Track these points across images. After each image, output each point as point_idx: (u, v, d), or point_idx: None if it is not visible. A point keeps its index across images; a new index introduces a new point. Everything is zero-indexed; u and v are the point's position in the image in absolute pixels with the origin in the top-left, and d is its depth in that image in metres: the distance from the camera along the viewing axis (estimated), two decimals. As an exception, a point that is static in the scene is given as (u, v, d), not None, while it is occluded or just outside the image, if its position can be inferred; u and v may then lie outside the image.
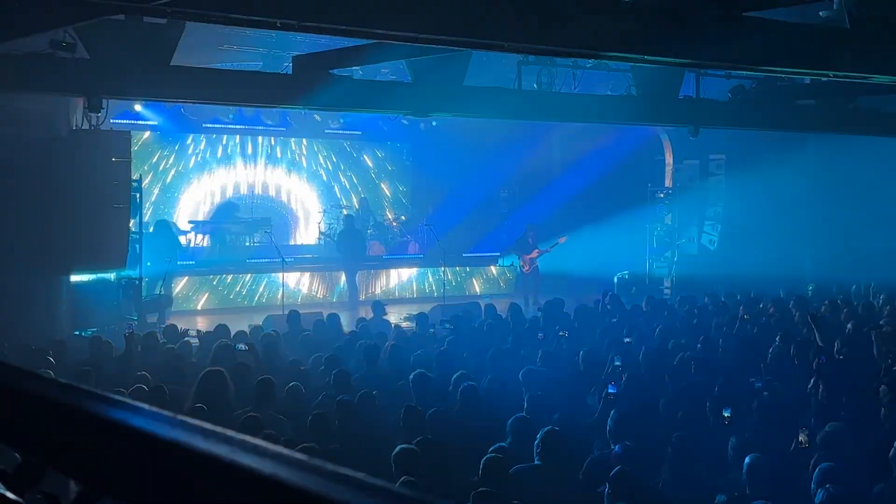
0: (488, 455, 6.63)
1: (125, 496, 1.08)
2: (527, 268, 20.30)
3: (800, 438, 7.42)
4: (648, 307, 15.07)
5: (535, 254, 20.17)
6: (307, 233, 21.99)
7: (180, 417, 1.10)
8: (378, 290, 20.25)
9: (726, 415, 7.76)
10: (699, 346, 11.43)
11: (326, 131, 21.51)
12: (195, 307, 18.11)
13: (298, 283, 19.39)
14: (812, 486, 6.34)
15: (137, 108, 17.45)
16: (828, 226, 19.33)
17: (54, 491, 1.59)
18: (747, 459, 6.66)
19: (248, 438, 0.99)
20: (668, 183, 20.96)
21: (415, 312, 14.82)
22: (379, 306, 14.98)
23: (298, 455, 0.93)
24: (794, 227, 19.61)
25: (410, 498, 0.87)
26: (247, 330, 12.51)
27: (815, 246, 19.54)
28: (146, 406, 1.16)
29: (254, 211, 20.87)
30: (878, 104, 15.82)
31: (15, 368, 1.42)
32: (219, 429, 1.02)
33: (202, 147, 20.81)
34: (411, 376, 9.03)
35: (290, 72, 12.67)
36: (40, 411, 1.27)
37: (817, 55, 9.06)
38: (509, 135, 20.85)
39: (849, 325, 13.10)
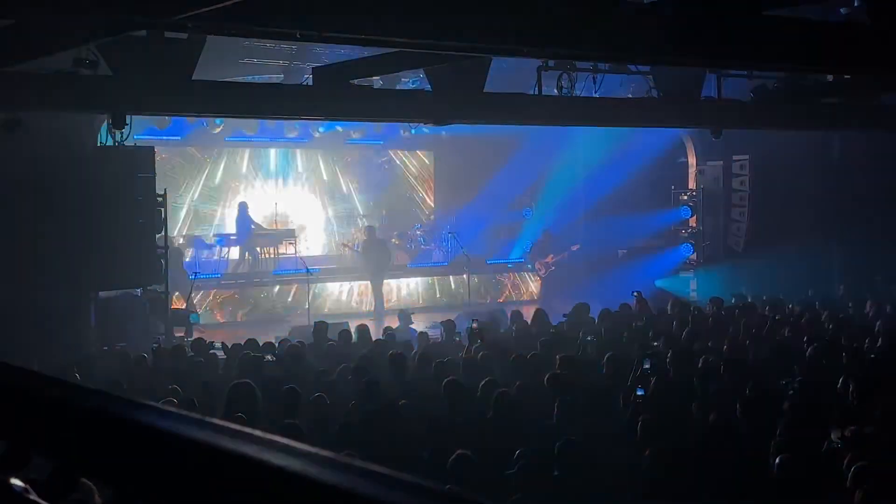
0: (520, 462, 6.61)
1: (157, 499, 1.09)
2: (543, 271, 20.29)
3: (832, 438, 7.35)
4: (675, 310, 15.00)
5: (550, 258, 20.16)
6: (332, 243, 22.04)
7: (209, 419, 1.10)
8: (403, 299, 20.27)
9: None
10: (725, 348, 11.36)
11: (348, 141, 21.56)
12: (222, 320, 18.19)
13: (324, 294, 19.44)
14: (847, 485, 6.27)
15: (162, 124, 17.55)
16: (855, 224, 19.15)
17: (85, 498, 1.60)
18: (777, 459, 6.61)
19: (276, 438, 0.99)
20: (691, 185, 20.86)
21: (440, 320, 14.81)
22: (405, 315, 14.99)
23: (326, 453, 0.94)
24: (821, 227, 19.45)
25: (439, 493, 0.87)
26: (274, 342, 12.54)
27: (843, 245, 19.37)
28: (175, 410, 1.16)
29: (278, 223, 20.94)
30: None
31: (45, 377, 1.43)
32: (246, 429, 1.03)
33: (225, 161, 20.91)
34: (443, 383, 9.01)
35: (310, 83, 12.72)
36: (70, 418, 1.28)
37: (839, 52, 8.99)
38: (531, 140, 20.82)
39: (878, 324, 13.00)
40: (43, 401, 1.36)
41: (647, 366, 9.67)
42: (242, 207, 20.32)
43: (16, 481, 1.40)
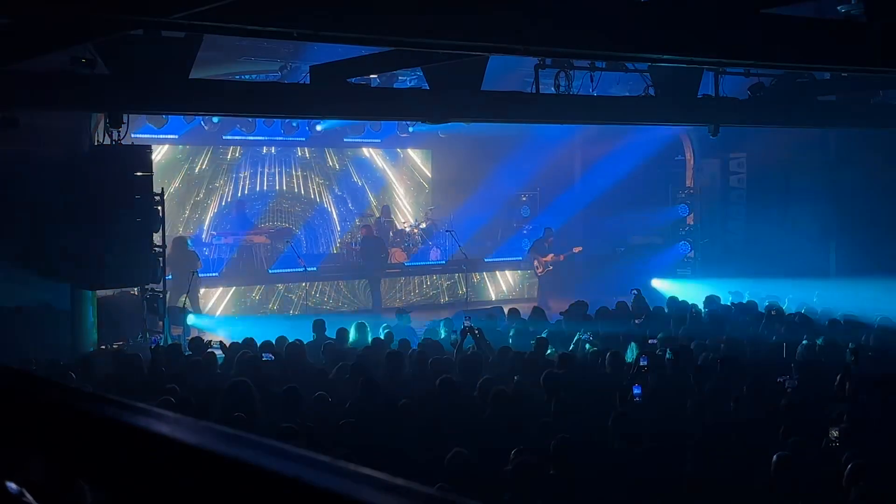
0: (515, 460, 6.62)
1: (151, 503, 1.09)
2: (541, 270, 20.30)
3: (830, 436, 7.36)
4: (672, 308, 15.02)
5: (550, 257, 20.17)
6: (329, 241, 22.05)
7: (204, 423, 1.11)
8: (401, 297, 20.27)
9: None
10: (722, 346, 11.38)
11: (346, 139, 21.56)
12: (220, 319, 18.17)
13: (322, 292, 19.44)
14: (844, 483, 6.29)
15: (159, 122, 17.53)
16: (851, 222, 19.17)
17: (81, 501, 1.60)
18: (775, 457, 6.62)
19: (271, 442, 1.00)
20: (689, 183, 20.87)
21: (438, 318, 14.81)
22: (402, 313, 14.98)
23: (321, 457, 0.94)
24: (818, 224, 19.46)
25: (432, 497, 0.88)
26: (272, 340, 12.52)
27: (840, 242, 19.38)
28: (170, 413, 1.17)
29: (276, 221, 20.94)
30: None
31: (42, 379, 1.44)
32: (242, 433, 1.03)
33: (222, 159, 20.90)
34: (437, 381, 9.02)
35: (307, 82, 12.71)
36: (67, 420, 1.29)
37: (836, 50, 9.00)
38: (528, 138, 20.83)
39: (876, 322, 13.02)
40: (39, 403, 1.36)
41: (643, 364, 9.68)
42: (240, 205, 20.36)
43: (11, 484, 1.41)
